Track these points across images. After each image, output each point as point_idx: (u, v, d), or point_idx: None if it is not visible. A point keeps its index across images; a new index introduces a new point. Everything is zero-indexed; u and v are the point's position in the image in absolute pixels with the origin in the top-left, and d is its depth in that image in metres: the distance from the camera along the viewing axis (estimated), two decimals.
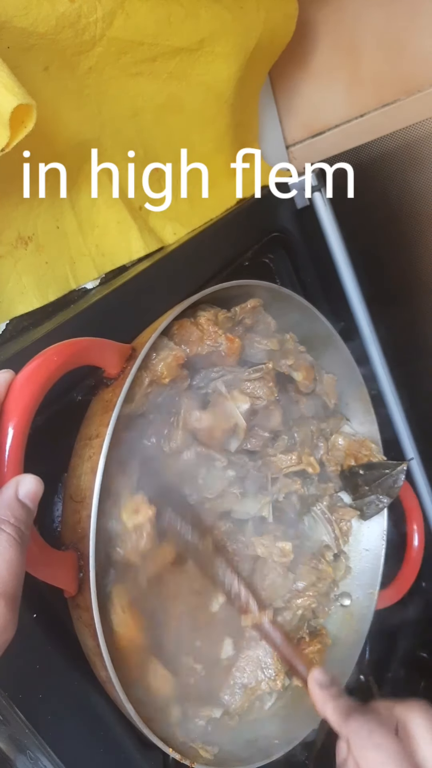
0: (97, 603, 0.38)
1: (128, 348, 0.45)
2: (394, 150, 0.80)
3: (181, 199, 0.69)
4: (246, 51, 0.67)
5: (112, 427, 0.40)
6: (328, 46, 0.80)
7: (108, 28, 0.52)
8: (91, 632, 0.39)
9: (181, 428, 0.49)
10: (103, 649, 0.38)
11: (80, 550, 0.39)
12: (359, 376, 0.68)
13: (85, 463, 0.41)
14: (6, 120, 0.40)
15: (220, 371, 0.53)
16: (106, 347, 0.43)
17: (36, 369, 0.37)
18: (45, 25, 0.46)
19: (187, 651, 0.50)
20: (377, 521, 0.69)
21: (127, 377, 0.42)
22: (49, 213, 0.54)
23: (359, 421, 0.70)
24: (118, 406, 0.41)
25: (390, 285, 0.89)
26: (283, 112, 0.88)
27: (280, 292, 0.59)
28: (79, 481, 0.41)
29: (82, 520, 0.39)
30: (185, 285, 0.57)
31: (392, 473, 0.66)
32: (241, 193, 0.76)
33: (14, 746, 0.43)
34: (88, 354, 0.41)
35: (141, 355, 0.43)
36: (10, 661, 0.40)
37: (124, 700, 0.40)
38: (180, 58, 0.61)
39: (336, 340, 0.66)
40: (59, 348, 0.38)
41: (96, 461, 0.39)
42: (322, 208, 0.77)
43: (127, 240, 0.61)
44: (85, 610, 0.39)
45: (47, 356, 0.37)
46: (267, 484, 0.57)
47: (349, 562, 0.67)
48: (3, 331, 0.50)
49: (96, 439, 0.41)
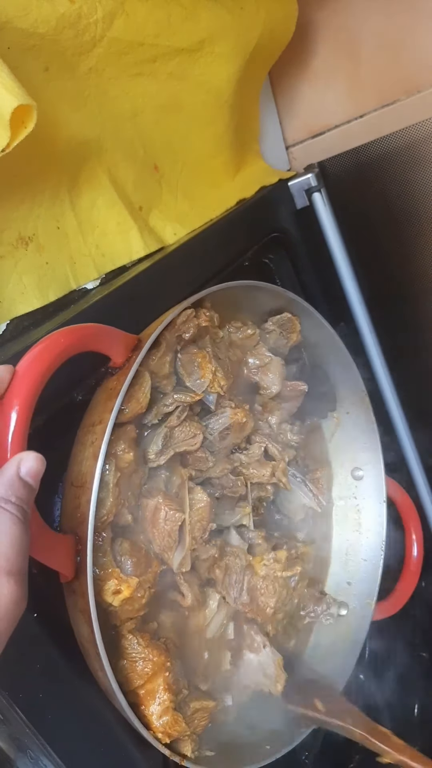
0: (93, 586, 0.38)
1: (134, 338, 0.45)
2: (394, 150, 0.80)
3: (181, 199, 0.69)
4: (246, 51, 0.67)
5: (116, 413, 0.40)
6: (328, 46, 0.81)
7: (108, 28, 0.52)
8: (85, 618, 0.39)
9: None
10: (96, 634, 0.38)
11: (78, 534, 0.40)
12: (359, 377, 0.67)
13: (87, 449, 0.41)
14: (6, 120, 0.40)
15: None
16: (113, 335, 0.43)
17: (43, 349, 0.37)
18: (45, 25, 0.46)
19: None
20: (376, 531, 0.68)
21: (132, 366, 0.42)
22: (49, 213, 0.54)
23: (359, 422, 0.70)
24: (122, 393, 0.41)
25: (390, 285, 0.89)
26: (283, 113, 0.88)
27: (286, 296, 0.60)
28: (80, 467, 0.41)
29: (81, 504, 0.40)
30: (185, 285, 0.58)
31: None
32: (241, 194, 0.76)
33: (14, 746, 0.43)
34: (95, 340, 0.42)
35: (147, 344, 0.44)
36: (10, 661, 0.40)
37: (116, 689, 0.40)
38: (180, 59, 0.61)
39: (336, 342, 0.66)
40: (67, 331, 0.39)
41: (98, 446, 0.40)
42: (322, 208, 0.77)
43: (128, 240, 0.61)
44: (80, 596, 0.39)
45: (54, 338, 0.38)
46: (247, 494, 0.57)
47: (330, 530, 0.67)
48: (3, 331, 0.50)
49: (99, 425, 0.41)
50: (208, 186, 0.73)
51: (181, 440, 0.49)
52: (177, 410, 0.49)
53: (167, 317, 0.47)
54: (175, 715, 0.44)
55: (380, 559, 0.67)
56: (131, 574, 0.43)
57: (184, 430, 0.49)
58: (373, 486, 0.69)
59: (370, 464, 0.70)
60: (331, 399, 0.68)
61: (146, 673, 0.44)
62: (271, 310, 0.62)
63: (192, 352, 0.51)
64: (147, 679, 0.44)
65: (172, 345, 0.49)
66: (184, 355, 0.51)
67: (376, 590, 0.66)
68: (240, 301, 0.58)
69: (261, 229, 0.73)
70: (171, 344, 0.49)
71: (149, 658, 0.44)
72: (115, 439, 0.44)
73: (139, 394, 0.45)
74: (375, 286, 0.81)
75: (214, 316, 0.54)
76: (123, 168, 0.61)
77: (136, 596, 0.43)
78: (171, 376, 0.50)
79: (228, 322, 0.59)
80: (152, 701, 0.44)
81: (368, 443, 0.69)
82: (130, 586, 0.42)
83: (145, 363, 0.46)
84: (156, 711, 0.44)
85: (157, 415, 0.48)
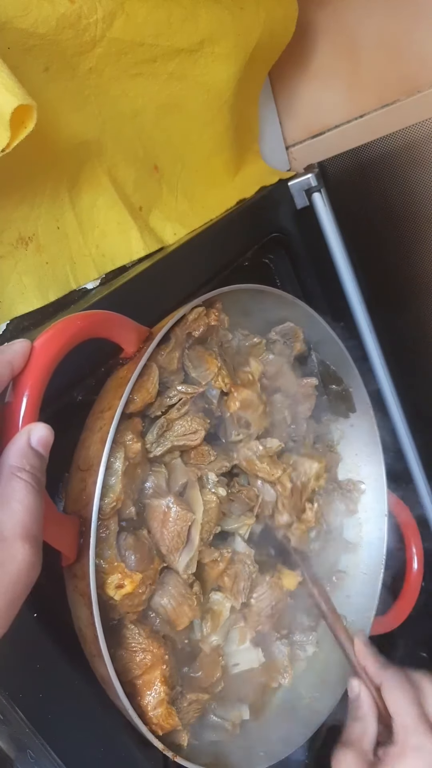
0: (94, 567, 0.39)
1: (146, 330, 0.46)
2: (394, 150, 0.80)
3: (181, 199, 0.69)
4: (246, 52, 0.67)
5: (125, 400, 0.41)
6: (328, 46, 0.81)
7: (108, 28, 0.52)
8: (85, 601, 0.39)
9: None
10: (95, 616, 0.38)
11: (83, 516, 0.40)
12: (358, 377, 0.67)
13: (96, 434, 0.42)
14: (6, 120, 0.40)
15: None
16: (126, 324, 0.44)
17: (60, 330, 0.38)
18: (45, 25, 0.46)
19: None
20: (377, 546, 0.68)
21: (143, 355, 0.43)
22: (49, 213, 0.54)
23: (362, 435, 0.70)
24: (132, 380, 0.42)
25: (389, 285, 0.89)
26: (282, 113, 0.88)
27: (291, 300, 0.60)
28: (87, 451, 0.42)
29: (87, 486, 0.40)
30: (185, 285, 0.58)
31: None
32: (241, 194, 0.76)
33: (14, 746, 0.43)
34: (109, 327, 0.43)
35: (158, 336, 0.44)
36: (10, 661, 0.40)
37: (112, 674, 0.40)
38: (180, 59, 0.61)
39: (346, 358, 0.66)
40: (83, 314, 0.40)
41: (106, 431, 0.40)
42: (322, 208, 0.77)
43: (128, 240, 0.61)
44: (81, 579, 0.39)
45: (71, 319, 0.39)
46: (255, 507, 0.57)
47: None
48: (3, 331, 0.50)
49: (108, 412, 0.42)
50: (208, 186, 0.73)
51: (180, 434, 0.49)
52: (179, 402, 0.49)
53: (179, 313, 0.47)
54: (169, 708, 0.44)
55: (380, 574, 0.66)
56: (135, 569, 0.43)
57: (185, 424, 0.49)
58: (374, 500, 0.69)
59: (372, 478, 0.69)
60: (348, 399, 0.69)
61: (145, 664, 0.44)
62: (275, 320, 0.63)
63: (199, 350, 0.52)
64: (145, 670, 0.44)
65: (181, 341, 0.50)
66: (192, 352, 0.52)
67: (375, 604, 0.65)
68: (248, 306, 0.59)
69: (261, 229, 0.73)
70: (180, 340, 0.50)
71: (149, 650, 0.44)
72: (124, 429, 0.44)
73: (149, 385, 0.46)
74: (375, 286, 0.81)
75: (224, 318, 0.55)
76: (123, 168, 0.61)
77: (138, 592, 0.43)
78: (179, 372, 0.51)
79: (235, 328, 0.59)
80: (148, 692, 0.44)
81: (371, 457, 0.69)
82: (133, 581, 0.42)
83: (154, 357, 0.47)
84: (151, 702, 0.44)
85: (160, 407, 0.49)
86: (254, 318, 0.61)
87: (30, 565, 0.31)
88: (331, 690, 0.60)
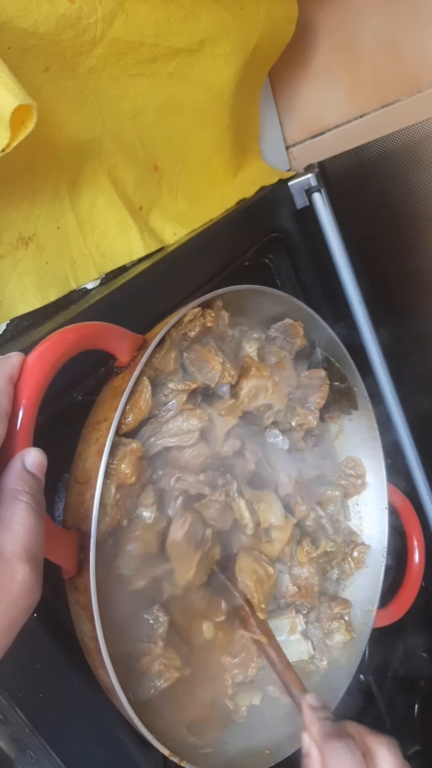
0: (95, 582, 0.38)
1: (140, 338, 0.46)
2: (394, 150, 0.80)
3: (181, 199, 0.69)
4: (246, 52, 0.67)
5: (121, 411, 0.41)
6: (328, 46, 0.81)
7: (108, 28, 0.52)
8: (87, 614, 0.39)
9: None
10: (98, 629, 0.38)
11: (82, 530, 0.40)
12: (362, 385, 0.67)
13: (92, 446, 0.42)
14: (6, 120, 0.40)
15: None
16: (119, 334, 0.44)
17: (51, 345, 0.37)
18: (45, 25, 0.46)
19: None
20: (378, 538, 0.68)
21: (138, 364, 0.43)
22: (49, 213, 0.54)
23: (361, 429, 0.70)
24: (128, 392, 0.41)
25: (390, 285, 0.89)
26: (282, 113, 0.88)
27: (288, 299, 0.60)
28: (84, 464, 0.42)
29: (85, 500, 0.40)
30: (185, 285, 0.58)
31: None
32: (241, 194, 0.76)
33: (15, 746, 0.43)
34: (102, 338, 0.42)
35: (152, 344, 0.44)
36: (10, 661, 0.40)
37: (116, 686, 0.40)
38: (180, 59, 0.61)
39: (344, 354, 0.66)
40: (75, 327, 0.39)
41: (103, 444, 0.40)
42: (322, 208, 0.77)
43: (128, 240, 0.61)
44: (82, 593, 0.39)
45: (63, 334, 0.38)
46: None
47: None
48: (3, 331, 0.50)
49: (104, 423, 0.42)
50: (208, 186, 0.73)
51: (172, 434, 0.48)
52: (170, 402, 0.48)
53: (172, 319, 0.47)
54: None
55: (382, 567, 0.67)
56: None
57: (177, 424, 0.49)
58: (374, 493, 0.69)
59: (372, 471, 0.70)
60: (351, 396, 0.69)
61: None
62: (274, 316, 0.63)
63: (197, 350, 0.52)
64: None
65: (177, 342, 0.49)
66: (191, 353, 0.51)
67: (377, 597, 0.65)
68: (246, 304, 0.58)
69: (261, 229, 0.73)
70: (176, 341, 0.49)
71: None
72: (119, 459, 0.44)
73: (141, 402, 0.45)
74: (375, 286, 0.81)
75: (225, 315, 0.54)
76: (123, 168, 0.61)
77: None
78: (177, 372, 0.50)
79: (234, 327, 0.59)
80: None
81: (370, 450, 0.70)
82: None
83: (149, 363, 0.47)
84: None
85: (156, 406, 0.48)
86: (253, 316, 0.61)
87: (30, 586, 0.31)
88: (332, 690, 0.60)
